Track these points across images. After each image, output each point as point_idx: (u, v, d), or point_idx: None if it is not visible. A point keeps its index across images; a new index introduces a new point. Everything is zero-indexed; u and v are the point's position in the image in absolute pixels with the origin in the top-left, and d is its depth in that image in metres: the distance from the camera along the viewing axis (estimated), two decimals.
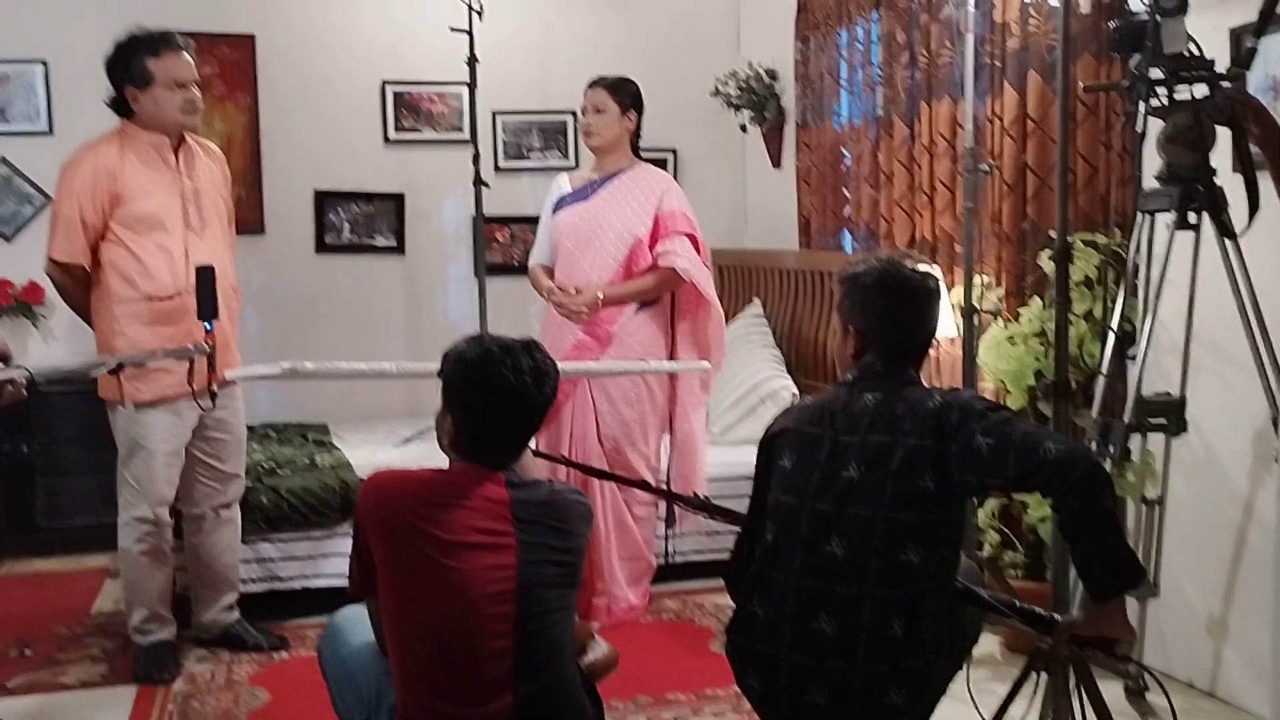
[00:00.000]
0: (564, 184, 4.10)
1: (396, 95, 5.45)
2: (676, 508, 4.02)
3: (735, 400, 4.73)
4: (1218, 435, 3.22)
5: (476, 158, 4.91)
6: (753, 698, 2.33)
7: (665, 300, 4.00)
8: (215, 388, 2.97)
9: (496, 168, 5.52)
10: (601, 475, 3.33)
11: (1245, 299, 2.78)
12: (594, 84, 4.00)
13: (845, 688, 2.16)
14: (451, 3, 4.88)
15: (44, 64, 4.98)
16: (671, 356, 4.00)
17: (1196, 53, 2.69)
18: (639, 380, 3.90)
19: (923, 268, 2.36)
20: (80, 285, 3.46)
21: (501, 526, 2.18)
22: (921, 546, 2.15)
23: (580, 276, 3.89)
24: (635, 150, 4.04)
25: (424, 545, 2.15)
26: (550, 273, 4.02)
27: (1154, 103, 2.73)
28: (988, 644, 3.60)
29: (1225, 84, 2.70)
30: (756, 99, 5.46)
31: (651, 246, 3.90)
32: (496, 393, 2.19)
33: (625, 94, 3.96)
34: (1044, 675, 2.37)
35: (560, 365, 2.33)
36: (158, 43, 3.41)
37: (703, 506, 2.75)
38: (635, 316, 3.92)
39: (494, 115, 5.50)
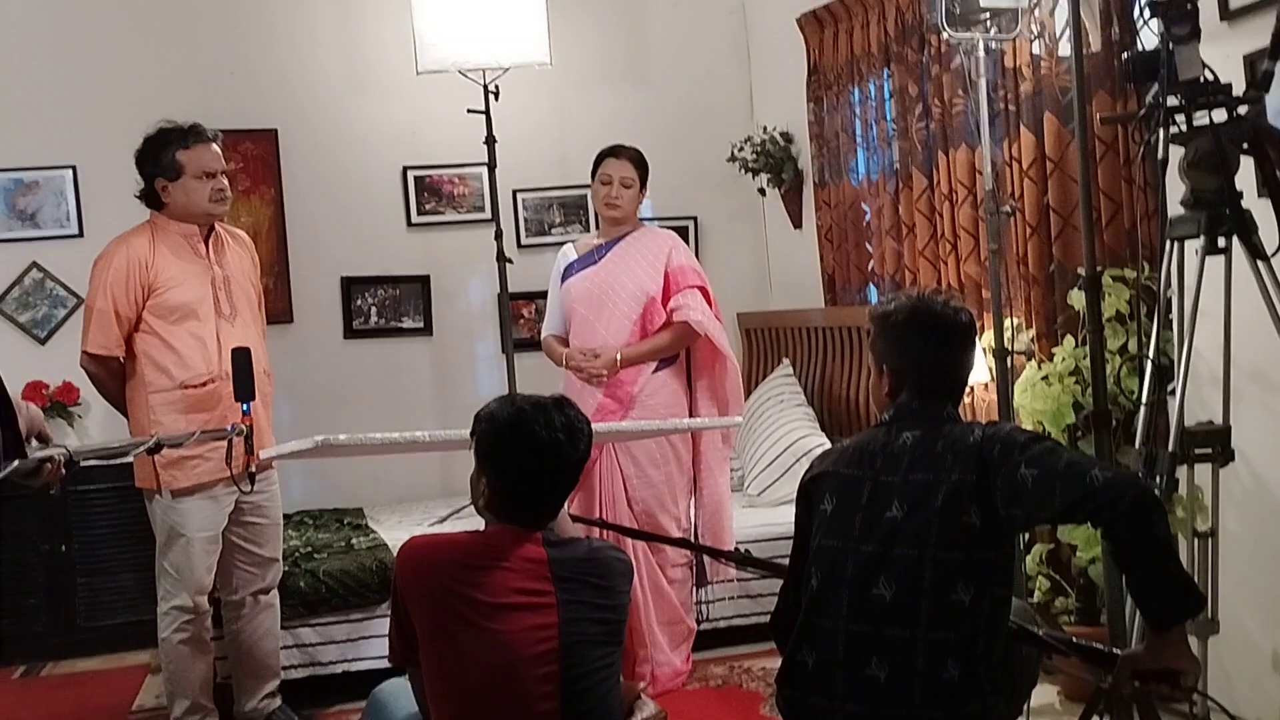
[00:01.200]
0: (569, 252, 4.12)
1: (418, 179, 5.52)
2: (706, 568, 3.97)
3: (771, 461, 4.69)
4: (1267, 464, 3.15)
5: (499, 235, 4.96)
6: None
7: (682, 358, 4.00)
8: (254, 469, 2.96)
9: (519, 244, 5.56)
10: (638, 536, 3.29)
11: None
12: (617, 154, 4.01)
13: None
14: (467, 86, 4.96)
15: (73, 169, 5.09)
16: (692, 414, 3.99)
17: (1212, 78, 2.69)
18: (664, 441, 3.88)
19: (958, 304, 2.33)
20: (115, 377, 3.49)
21: (542, 586, 2.15)
22: (972, 585, 2.10)
23: (596, 339, 3.90)
24: None
25: (464, 609, 2.12)
26: (564, 341, 4.04)
27: (1173, 130, 2.72)
28: (1046, 693, 3.51)
29: (1244, 107, 2.69)
30: (773, 162, 5.50)
31: (663, 303, 3.91)
32: (530, 451, 2.18)
33: (644, 167, 4.03)
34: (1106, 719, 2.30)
35: (594, 427, 2.32)
36: (187, 135, 3.47)
37: (745, 560, 2.71)
38: (654, 377, 3.91)
39: (514, 193, 5.56)
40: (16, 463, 1.96)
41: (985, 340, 3.86)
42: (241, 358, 2.91)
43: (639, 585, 3.81)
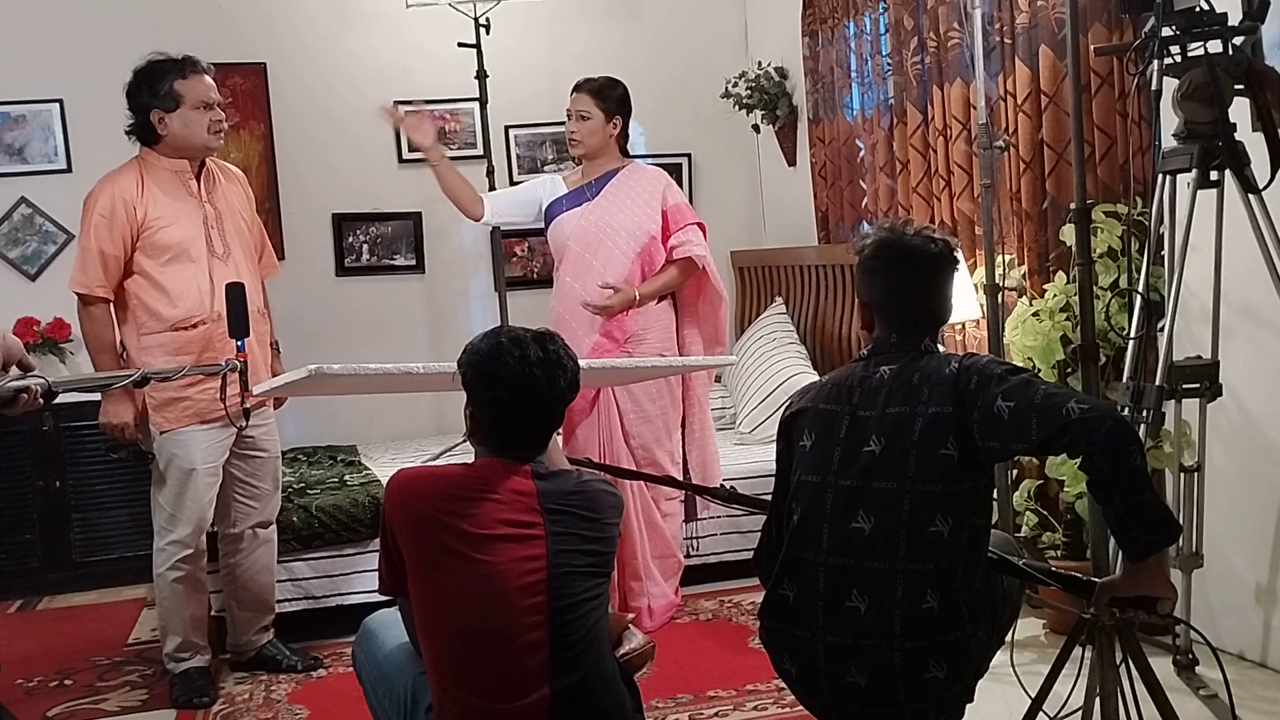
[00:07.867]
0: (559, 185, 4.07)
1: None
2: (696, 502, 4.00)
3: (763, 399, 4.70)
4: (1254, 400, 3.16)
5: (491, 172, 4.92)
6: (791, 682, 2.28)
7: (670, 294, 4.00)
8: (248, 404, 2.95)
9: (511, 181, 5.50)
10: (626, 475, 3.31)
11: (1275, 256, 2.73)
12: (577, 88, 3.93)
13: (884, 666, 2.12)
14: (458, 19, 4.90)
15: (59, 103, 5.03)
16: (680, 347, 3.99)
17: (1207, 8, 2.66)
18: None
19: (932, 234, 2.30)
20: (94, 320, 3.40)
21: (530, 518, 2.16)
22: (950, 517, 2.11)
23: (592, 277, 3.86)
24: (624, 150, 4.02)
25: (452, 540, 2.13)
26: (480, 202, 4.11)
27: (1168, 61, 2.69)
28: (1032, 627, 3.54)
29: (1239, 38, 2.66)
30: (767, 98, 5.44)
31: (662, 241, 3.90)
32: (503, 384, 2.17)
33: (610, 99, 3.91)
34: (1089, 650, 2.32)
35: (597, 363, 2.30)
36: (184, 66, 3.42)
37: (730, 497, 2.73)
38: (650, 310, 3.90)
39: (506, 129, 5.51)
40: None
41: (977, 277, 3.85)
42: (236, 292, 2.88)
43: (634, 520, 3.83)
